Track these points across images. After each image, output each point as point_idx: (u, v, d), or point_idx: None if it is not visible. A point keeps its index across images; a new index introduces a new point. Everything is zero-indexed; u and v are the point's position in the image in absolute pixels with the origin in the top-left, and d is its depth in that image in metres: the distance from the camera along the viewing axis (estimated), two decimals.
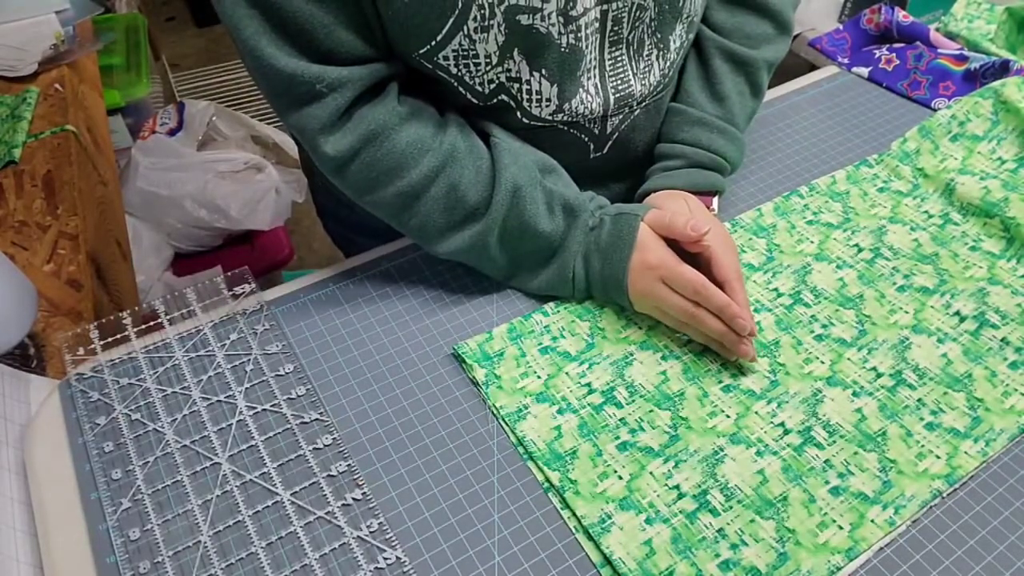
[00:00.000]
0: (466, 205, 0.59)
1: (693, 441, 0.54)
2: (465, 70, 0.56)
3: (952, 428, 0.54)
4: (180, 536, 0.49)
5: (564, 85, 0.58)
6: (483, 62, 0.55)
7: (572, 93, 0.59)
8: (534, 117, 0.60)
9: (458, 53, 0.54)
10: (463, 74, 0.56)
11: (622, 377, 0.57)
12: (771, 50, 0.69)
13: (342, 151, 0.55)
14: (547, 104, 0.59)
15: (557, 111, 0.60)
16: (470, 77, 0.56)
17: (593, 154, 0.65)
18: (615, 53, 0.59)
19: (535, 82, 0.58)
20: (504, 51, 0.54)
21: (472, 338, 0.60)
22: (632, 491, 0.51)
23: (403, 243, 0.69)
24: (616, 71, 0.60)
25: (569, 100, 0.60)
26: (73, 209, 0.83)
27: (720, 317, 0.56)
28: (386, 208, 0.60)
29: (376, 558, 0.47)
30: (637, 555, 0.47)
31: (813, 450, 0.53)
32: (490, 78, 0.57)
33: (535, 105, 0.59)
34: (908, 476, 0.51)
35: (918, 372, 0.57)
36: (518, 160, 0.59)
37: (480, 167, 0.59)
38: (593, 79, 0.60)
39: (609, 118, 0.63)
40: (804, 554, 0.47)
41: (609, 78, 0.60)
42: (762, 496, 0.50)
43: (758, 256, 0.67)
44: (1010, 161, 0.74)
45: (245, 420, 0.55)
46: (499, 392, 0.56)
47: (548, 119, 0.61)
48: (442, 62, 0.55)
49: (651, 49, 0.61)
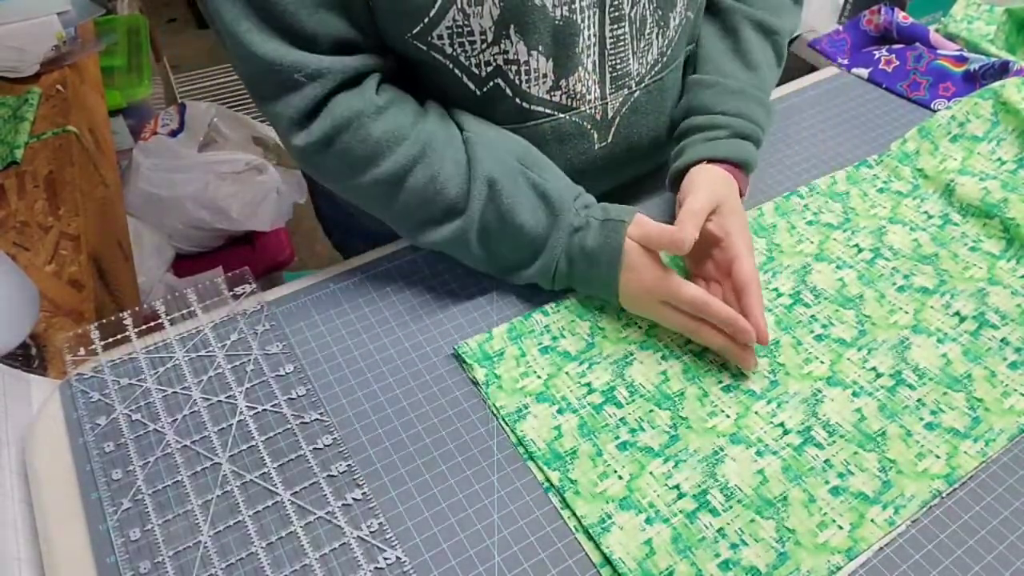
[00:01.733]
0: (446, 198, 0.58)
1: (693, 441, 0.54)
2: (460, 49, 0.55)
3: (952, 428, 0.54)
4: (180, 536, 0.49)
5: (560, 60, 0.58)
6: (478, 39, 0.55)
7: (569, 70, 0.59)
8: (532, 99, 0.60)
9: (452, 31, 0.54)
10: (458, 54, 0.56)
11: (622, 377, 0.58)
12: (789, 20, 0.70)
13: (314, 140, 0.55)
14: (544, 80, 0.59)
15: (554, 88, 0.59)
16: (466, 57, 0.56)
17: (598, 143, 0.65)
18: (617, 31, 0.59)
19: (532, 60, 0.57)
20: (499, 27, 0.54)
21: (472, 338, 0.60)
22: (632, 491, 0.51)
23: (403, 243, 0.69)
24: (617, 49, 0.60)
25: (566, 77, 0.59)
26: (75, 210, 0.83)
27: (724, 330, 0.56)
28: (364, 196, 0.59)
29: (376, 558, 0.48)
30: (637, 555, 0.48)
31: (813, 450, 0.53)
32: (486, 59, 0.56)
33: (532, 83, 0.59)
34: (908, 476, 0.51)
35: (918, 372, 0.57)
36: (493, 151, 0.58)
37: (459, 160, 0.58)
38: (592, 56, 0.59)
39: (609, 100, 0.63)
40: (804, 554, 0.48)
41: (608, 56, 0.60)
42: (762, 496, 0.51)
43: (758, 256, 0.67)
44: (1010, 162, 0.74)
45: (245, 420, 0.55)
46: (499, 392, 0.56)
47: (546, 98, 0.60)
48: (436, 42, 0.55)
49: (652, 27, 0.61)
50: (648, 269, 0.57)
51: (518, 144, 0.60)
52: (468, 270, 0.65)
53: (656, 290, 0.56)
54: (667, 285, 0.56)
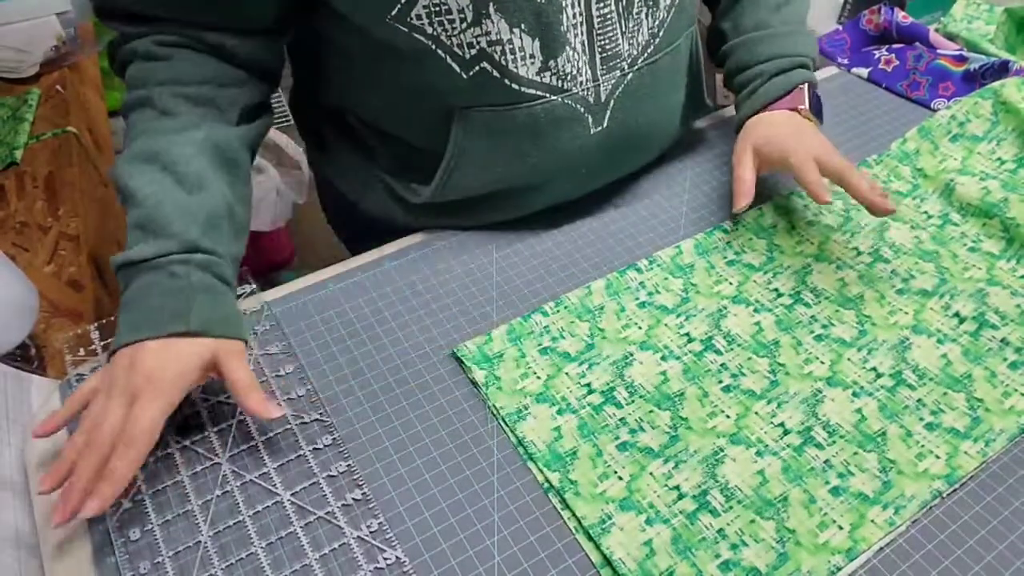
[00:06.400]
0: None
1: (693, 441, 0.54)
2: (440, 28, 0.56)
3: (952, 428, 0.54)
4: (180, 536, 0.49)
5: (546, 40, 0.58)
6: (456, 18, 0.55)
7: (557, 50, 0.59)
8: (523, 80, 0.59)
9: (430, 10, 0.54)
10: (439, 33, 0.56)
11: (622, 377, 0.58)
12: None
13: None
14: (532, 61, 0.59)
15: (543, 69, 0.59)
16: (447, 36, 0.56)
17: (593, 128, 0.64)
18: (603, 9, 0.59)
19: (516, 38, 0.57)
20: (477, 4, 0.54)
21: (471, 340, 0.60)
22: (632, 492, 0.51)
23: (406, 242, 0.69)
24: (604, 28, 0.60)
25: (555, 57, 0.59)
26: (74, 210, 0.83)
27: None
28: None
29: (376, 558, 0.48)
30: (637, 555, 0.48)
31: (813, 450, 0.53)
32: (469, 41, 0.56)
33: (520, 64, 0.59)
34: (908, 476, 0.51)
35: (918, 372, 0.57)
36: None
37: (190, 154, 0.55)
38: (580, 36, 0.59)
39: (601, 82, 0.63)
40: (804, 554, 0.47)
41: (597, 36, 0.60)
42: (762, 496, 0.50)
43: (759, 256, 0.67)
44: (1010, 162, 0.74)
45: (245, 420, 0.55)
46: (499, 393, 0.56)
47: (536, 80, 0.60)
48: (416, 22, 0.55)
49: (640, 6, 0.61)
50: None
51: (239, 201, 0.58)
52: (468, 270, 0.65)
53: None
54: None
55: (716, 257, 0.67)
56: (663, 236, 0.69)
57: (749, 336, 0.60)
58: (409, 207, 0.70)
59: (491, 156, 0.64)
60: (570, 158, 0.64)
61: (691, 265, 0.66)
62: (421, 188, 0.68)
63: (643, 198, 0.73)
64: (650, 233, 0.70)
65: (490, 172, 0.65)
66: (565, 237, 0.69)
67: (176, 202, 0.53)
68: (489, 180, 0.66)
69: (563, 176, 0.67)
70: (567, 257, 0.67)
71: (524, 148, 0.63)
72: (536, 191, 0.67)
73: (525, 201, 0.68)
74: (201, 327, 0.51)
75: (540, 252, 0.68)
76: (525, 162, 0.64)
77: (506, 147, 0.63)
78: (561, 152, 0.64)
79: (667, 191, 0.74)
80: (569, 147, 0.64)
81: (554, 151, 0.63)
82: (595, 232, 0.70)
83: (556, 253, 0.68)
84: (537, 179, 0.66)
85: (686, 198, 0.73)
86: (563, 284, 0.65)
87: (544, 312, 0.62)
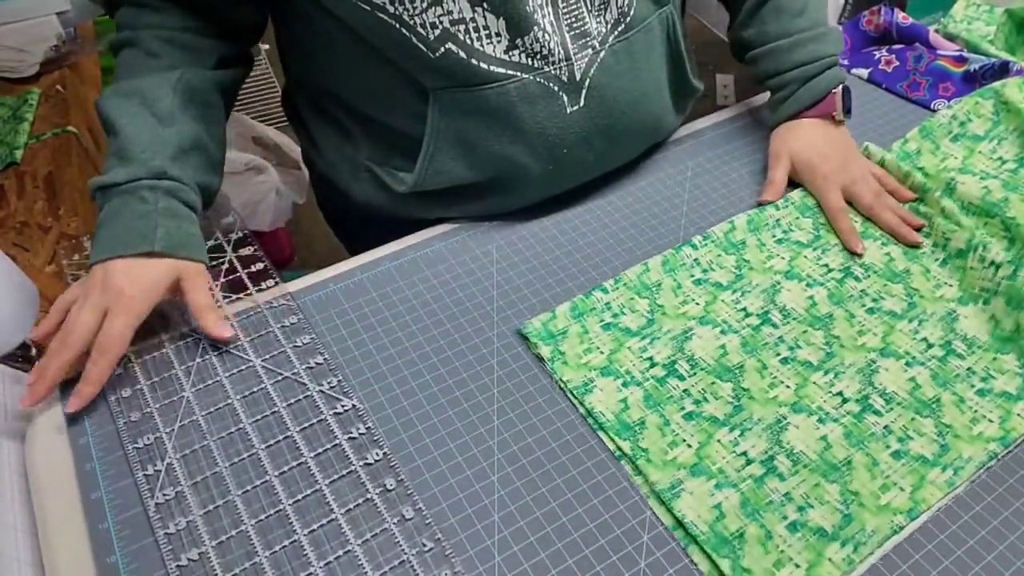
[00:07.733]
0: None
1: (756, 411, 0.55)
2: (401, 7, 0.56)
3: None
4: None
5: (512, 19, 0.58)
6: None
7: (524, 28, 0.59)
8: (490, 60, 0.60)
9: None
10: (401, 12, 0.57)
11: (682, 351, 0.59)
12: None
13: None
14: (498, 39, 0.59)
15: (511, 47, 0.60)
16: (408, 16, 0.57)
17: (570, 107, 0.64)
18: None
19: (479, 17, 0.58)
20: None
21: (536, 317, 0.61)
22: (702, 458, 0.52)
23: (404, 243, 0.69)
24: (569, 6, 0.61)
25: (522, 36, 0.59)
26: (74, 210, 0.83)
27: None
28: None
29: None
30: (708, 518, 0.49)
31: (872, 417, 0.55)
32: (432, 20, 0.57)
33: (487, 43, 0.59)
34: (964, 440, 0.53)
35: (967, 342, 0.59)
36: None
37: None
38: (548, 15, 0.60)
39: (575, 60, 0.63)
40: (868, 515, 0.49)
41: (563, 15, 0.61)
42: (827, 461, 0.52)
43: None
44: (1011, 161, 0.74)
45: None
46: (564, 367, 0.57)
47: (504, 59, 0.60)
48: (377, 0, 0.56)
49: None
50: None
51: (214, 136, 0.64)
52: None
53: None
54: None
55: (766, 235, 0.68)
56: (663, 236, 0.69)
57: (804, 310, 0.62)
58: (396, 196, 0.70)
59: (469, 137, 0.64)
60: (549, 138, 0.65)
61: (743, 242, 0.68)
62: (406, 176, 0.68)
63: (643, 198, 0.73)
64: (651, 233, 0.70)
65: (471, 155, 0.65)
66: (565, 237, 0.69)
67: (150, 133, 0.59)
68: (472, 163, 0.66)
69: (546, 159, 0.66)
70: (568, 257, 0.67)
71: (500, 128, 0.63)
72: (523, 178, 0.67)
73: (514, 189, 0.68)
74: (165, 248, 0.57)
75: (540, 252, 0.68)
76: (503, 143, 0.64)
77: (482, 127, 0.63)
78: (539, 132, 0.64)
79: (667, 192, 0.74)
80: (547, 125, 0.64)
81: (531, 130, 0.64)
82: (595, 232, 0.70)
83: (556, 253, 0.68)
84: (520, 161, 0.66)
85: (686, 198, 0.73)
86: (564, 284, 0.65)
87: (604, 289, 0.63)
